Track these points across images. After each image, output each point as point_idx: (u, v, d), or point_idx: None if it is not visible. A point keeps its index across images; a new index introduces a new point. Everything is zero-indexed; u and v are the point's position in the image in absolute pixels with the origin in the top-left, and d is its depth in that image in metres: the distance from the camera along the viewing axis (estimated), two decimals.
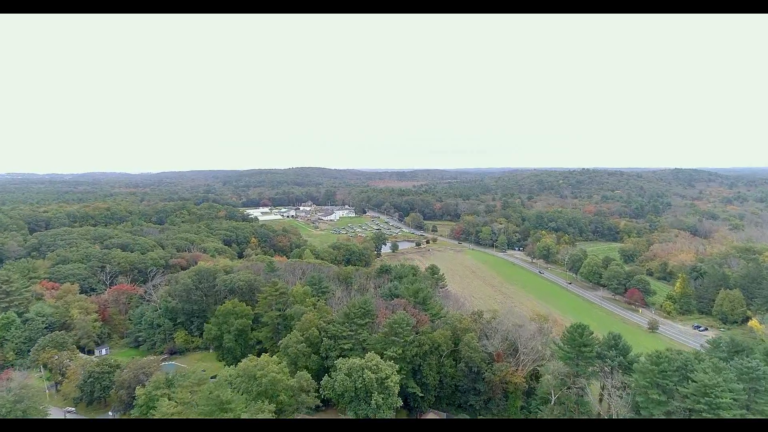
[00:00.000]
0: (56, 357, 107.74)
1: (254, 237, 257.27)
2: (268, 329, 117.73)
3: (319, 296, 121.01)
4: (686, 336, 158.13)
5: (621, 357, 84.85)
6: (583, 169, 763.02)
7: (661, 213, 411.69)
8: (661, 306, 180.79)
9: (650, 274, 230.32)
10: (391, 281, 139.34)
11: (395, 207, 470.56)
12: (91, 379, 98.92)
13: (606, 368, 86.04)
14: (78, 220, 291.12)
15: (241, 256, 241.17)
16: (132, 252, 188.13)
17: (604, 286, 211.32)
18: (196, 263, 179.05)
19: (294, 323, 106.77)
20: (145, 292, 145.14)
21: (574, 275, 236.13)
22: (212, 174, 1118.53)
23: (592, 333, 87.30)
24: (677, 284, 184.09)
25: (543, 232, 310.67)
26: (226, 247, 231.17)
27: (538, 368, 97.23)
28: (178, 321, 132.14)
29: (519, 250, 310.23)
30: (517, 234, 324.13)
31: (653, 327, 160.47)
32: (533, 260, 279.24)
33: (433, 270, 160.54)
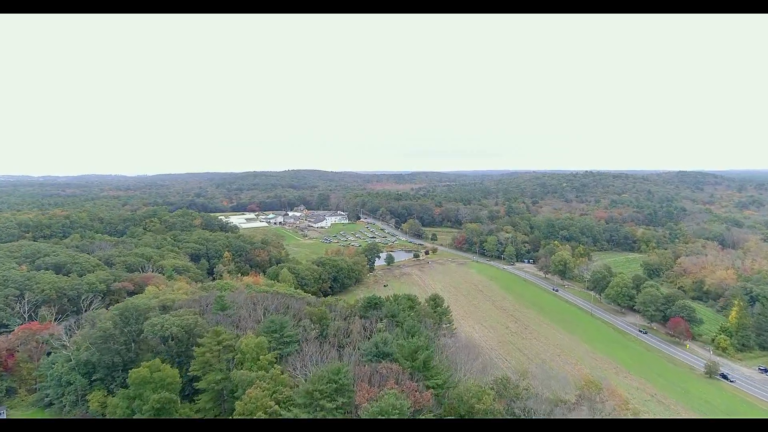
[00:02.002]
0: None
1: (228, 251, 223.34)
2: (207, 398, 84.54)
3: (280, 349, 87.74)
4: (755, 384, 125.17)
5: None
6: (587, 171, 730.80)
7: (676, 219, 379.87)
8: (713, 340, 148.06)
9: (682, 292, 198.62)
10: (381, 320, 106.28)
11: (391, 213, 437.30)
12: None
13: None
14: (31, 230, 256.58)
15: (211, 273, 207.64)
16: (68, 274, 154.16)
17: (636, 311, 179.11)
18: (146, 287, 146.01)
19: (239, 395, 74.16)
20: (56, 333, 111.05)
21: (597, 296, 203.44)
22: (207, 176, 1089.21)
23: None
24: (732, 313, 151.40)
25: (556, 242, 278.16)
26: (191, 264, 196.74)
27: None
28: (95, 377, 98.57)
29: (529, 262, 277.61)
30: (526, 244, 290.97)
31: (712, 372, 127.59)
32: (546, 275, 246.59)
33: (435, 302, 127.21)
